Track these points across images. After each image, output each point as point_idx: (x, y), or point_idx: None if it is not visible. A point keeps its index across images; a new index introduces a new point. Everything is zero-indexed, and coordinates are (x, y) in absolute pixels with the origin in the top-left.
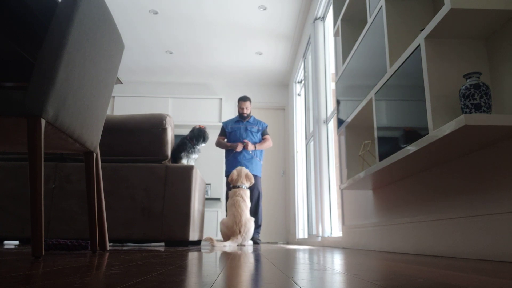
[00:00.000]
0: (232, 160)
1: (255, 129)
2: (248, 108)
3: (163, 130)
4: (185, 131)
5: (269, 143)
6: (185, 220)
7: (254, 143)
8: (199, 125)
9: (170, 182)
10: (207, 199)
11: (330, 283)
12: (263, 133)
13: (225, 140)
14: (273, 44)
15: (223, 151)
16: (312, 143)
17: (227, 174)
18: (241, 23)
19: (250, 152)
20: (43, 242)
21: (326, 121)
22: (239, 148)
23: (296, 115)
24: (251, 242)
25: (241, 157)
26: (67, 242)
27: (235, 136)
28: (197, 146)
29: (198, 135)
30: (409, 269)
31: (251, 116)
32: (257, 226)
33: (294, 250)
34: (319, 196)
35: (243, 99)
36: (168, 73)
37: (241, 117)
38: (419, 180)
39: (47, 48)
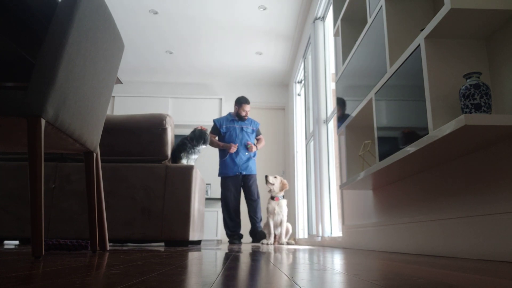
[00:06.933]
0: (229, 162)
1: (250, 129)
2: (249, 111)
3: (163, 130)
4: (185, 131)
5: (263, 143)
6: (185, 220)
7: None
8: (201, 126)
9: (170, 182)
10: (207, 199)
11: (330, 283)
12: (257, 133)
13: (216, 138)
14: (273, 44)
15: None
16: (312, 143)
17: (223, 175)
18: (241, 23)
19: (246, 153)
20: (43, 242)
21: (326, 121)
22: (233, 149)
23: (296, 115)
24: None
25: (238, 158)
26: (67, 242)
27: (230, 136)
28: (197, 147)
29: (198, 137)
30: (409, 269)
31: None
32: (259, 220)
33: (294, 250)
34: (319, 196)
35: (247, 102)
36: (168, 73)
37: (239, 118)
38: (419, 180)
39: (47, 48)
